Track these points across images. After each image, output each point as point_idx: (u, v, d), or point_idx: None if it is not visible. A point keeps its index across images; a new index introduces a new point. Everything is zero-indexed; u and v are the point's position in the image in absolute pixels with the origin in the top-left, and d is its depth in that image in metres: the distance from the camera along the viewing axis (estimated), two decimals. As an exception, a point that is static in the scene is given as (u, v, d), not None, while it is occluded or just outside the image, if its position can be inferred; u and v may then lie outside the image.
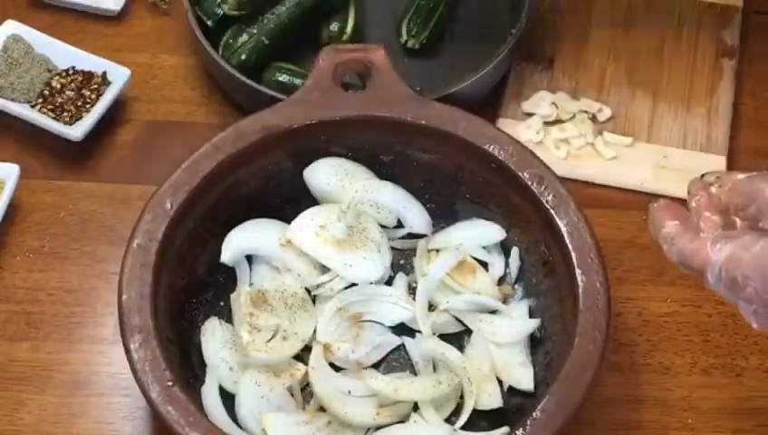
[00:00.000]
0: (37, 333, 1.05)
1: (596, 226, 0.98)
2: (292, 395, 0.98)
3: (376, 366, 1.00)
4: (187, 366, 0.97)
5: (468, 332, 1.03)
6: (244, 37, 1.17)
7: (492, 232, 1.05)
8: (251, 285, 1.02)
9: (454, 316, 1.03)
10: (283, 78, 1.17)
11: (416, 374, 1.00)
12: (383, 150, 1.06)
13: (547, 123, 1.20)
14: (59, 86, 1.16)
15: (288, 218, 1.04)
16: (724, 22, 1.28)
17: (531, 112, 1.20)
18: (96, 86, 1.17)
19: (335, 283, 1.02)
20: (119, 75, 1.17)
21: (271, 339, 0.99)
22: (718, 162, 1.17)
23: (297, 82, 1.15)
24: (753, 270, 0.78)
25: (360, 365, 0.98)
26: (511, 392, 0.99)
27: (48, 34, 1.20)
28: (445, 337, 1.01)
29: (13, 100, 1.15)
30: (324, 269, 1.03)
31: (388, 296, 1.02)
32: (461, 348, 1.01)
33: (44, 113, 1.15)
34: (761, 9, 1.31)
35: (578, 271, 0.95)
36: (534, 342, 1.01)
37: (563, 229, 0.97)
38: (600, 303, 0.93)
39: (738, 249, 0.78)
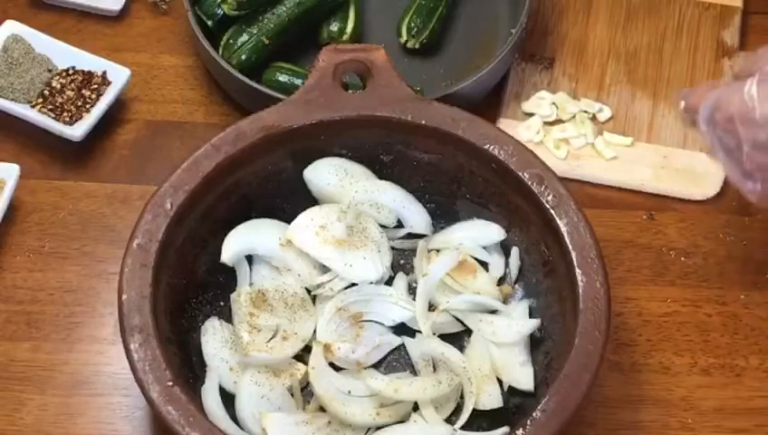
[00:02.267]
0: (37, 333, 1.05)
1: (596, 226, 0.98)
2: (292, 395, 0.98)
3: (376, 366, 1.00)
4: (187, 366, 0.97)
5: (468, 332, 1.03)
6: (244, 37, 1.17)
7: (492, 232, 1.05)
8: (251, 284, 1.02)
9: (454, 316, 1.03)
10: (283, 78, 1.17)
11: (416, 374, 1.00)
12: (383, 150, 1.06)
13: (547, 123, 1.20)
14: (59, 86, 1.16)
15: (288, 218, 1.04)
16: (724, 22, 1.28)
17: (531, 112, 1.20)
18: (96, 86, 1.17)
19: (335, 283, 1.02)
20: (119, 75, 1.17)
21: (271, 339, 0.99)
22: (718, 162, 1.17)
23: (297, 82, 1.15)
24: (732, 100, 0.88)
25: (360, 365, 0.98)
26: (511, 392, 0.99)
27: (48, 34, 1.20)
28: (445, 337, 1.01)
29: (13, 100, 1.15)
30: (324, 269, 1.03)
31: (388, 296, 1.02)
32: (461, 348, 1.01)
33: (44, 113, 1.15)
34: (761, 9, 1.31)
35: (578, 271, 0.95)
36: (534, 342, 1.01)
37: (563, 229, 0.97)
38: (600, 303, 0.93)
39: (733, 86, 0.87)
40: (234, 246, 1.01)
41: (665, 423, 1.03)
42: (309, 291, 1.03)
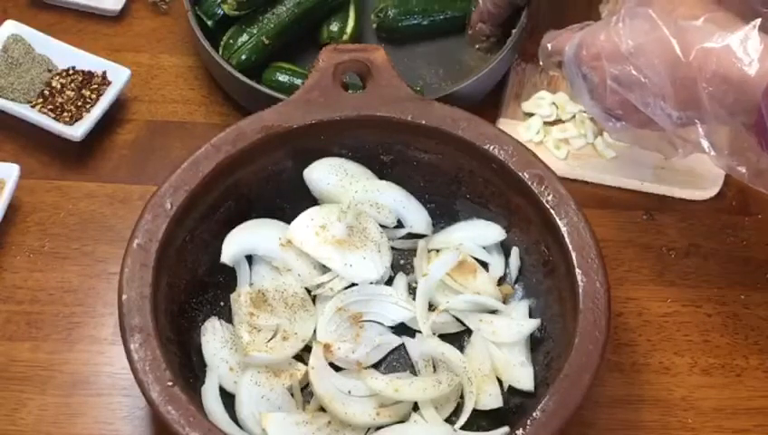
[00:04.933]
0: (37, 333, 1.05)
1: (596, 226, 0.98)
2: (292, 395, 0.98)
3: (376, 366, 1.00)
4: (187, 366, 0.97)
5: (468, 332, 1.03)
6: (245, 37, 1.17)
7: (492, 232, 1.05)
8: (251, 284, 1.02)
9: (454, 316, 1.03)
10: (283, 78, 1.17)
11: (416, 374, 1.00)
12: (383, 150, 1.06)
13: (547, 123, 1.20)
14: (59, 86, 1.16)
15: (288, 218, 1.04)
16: (724, 22, 1.28)
17: (531, 112, 1.20)
18: (96, 86, 1.17)
19: (335, 283, 1.02)
20: (119, 75, 1.17)
21: (271, 339, 0.99)
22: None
23: (297, 82, 1.15)
24: (599, 36, 0.91)
25: (360, 365, 0.98)
26: (511, 392, 0.99)
27: (48, 34, 1.20)
28: (445, 337, 1.01)
29: (13, 100, 1.15)
30: (324, 269, 1.03)
31: (389, 296, 1.03)
32: (461, 348, 1.01)
33: (44, 113, 1.15)
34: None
35: (578, 271, 0.95)
36: (534, 342, 1.01)
37: (563, 229, 0.97)
38: (600, 303, 0.93)
39: (599, 24, 0.91)
40: (234, 246, 1.01)
41: (665, 423, 1.03)
42: (309, 291, 1.03)
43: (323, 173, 1.05)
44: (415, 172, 1.07)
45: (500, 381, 0.99)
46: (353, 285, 1.02)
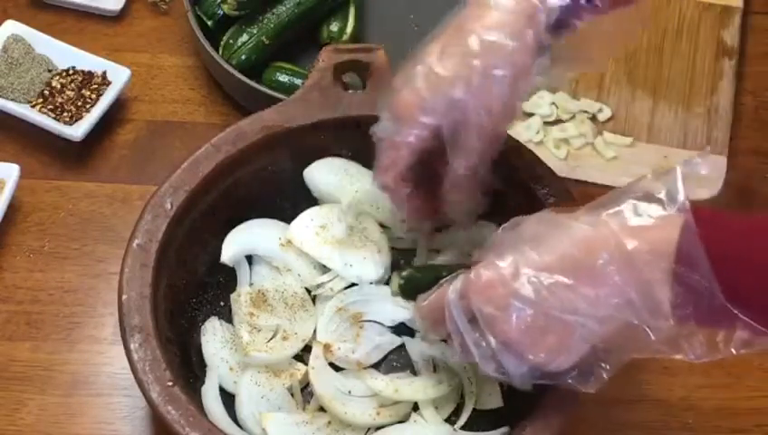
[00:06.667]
0: (37, 333, 1.05)
1: (596, 226, 0.98)
2: (292, 395, 0.97)
3: (376, 366, 1.00)
4: (187, 366, 0.97)
5: (468, 332, 1.02)
6: (245, 37, 1.17)
7: (492, 232, 1.05)
8: (251, 284, 1.02)
9: (454, 316, 1.02)
10: (283, 78, 1.17)
11: (416, 374, 1.00)
12: (383, 150, 1.06)
13: (547, 123, 1.20)
14: (59, 86, 1.16)
15: (288, 218, 1.04)
16: (724, 22, 1.28)
17: (531, 112, 1.20)
18: (96, 86, 1.17)
19: (335, 283, 1.02)
20: (119, 75, 1.17)
21: (271, 339, 0.99)
22: (718, 162, 1.17)
23: (297, 82, 1.15)
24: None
25: (360, 365, 0.98)
26: (511, 392, 0.99)
27: (48, 34, 1.20)
28: (445, 337, 1.01)
29: (13, 100, 1.16)
30: (324, 269, 1.03)
31: (389, 296, 1.02)
32: (461, 348, 1.01)
33: (44, 113, 1.15)
34: (761, 9, 1.31)
35: (578, 271, 0.95)
36: (534, 342, 1.01)
37: (563, 229, 0.97)
38: (600, 303, 0.93)
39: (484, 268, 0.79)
40: (234, 246, 1.01)
41: (665, 423, 1.03)
42: (309, 291, 1.03)
43: (323, 173, 1.05)
44: (415, 172, 1.07)
45: (500, 382, 0.99)
46: (353, 284, 1.02)
